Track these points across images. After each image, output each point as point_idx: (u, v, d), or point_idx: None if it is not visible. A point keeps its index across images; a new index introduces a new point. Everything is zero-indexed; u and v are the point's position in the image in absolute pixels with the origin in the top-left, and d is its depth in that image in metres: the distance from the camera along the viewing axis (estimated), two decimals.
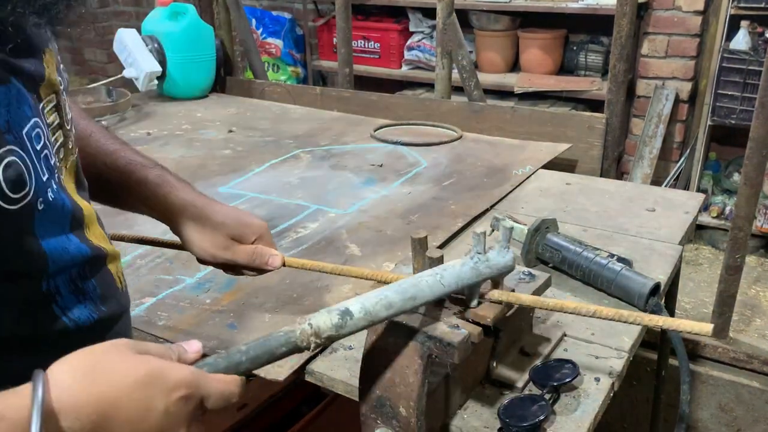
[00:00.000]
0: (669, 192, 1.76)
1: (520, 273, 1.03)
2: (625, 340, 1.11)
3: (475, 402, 0.98)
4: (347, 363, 1.07)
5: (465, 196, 1.69)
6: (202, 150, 2.09)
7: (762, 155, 1.74)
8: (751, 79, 3.11)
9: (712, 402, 1.97)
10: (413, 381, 0.84)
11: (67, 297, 0.74)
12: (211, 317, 1.20)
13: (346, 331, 0.75)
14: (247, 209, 1.65)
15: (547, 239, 1.29)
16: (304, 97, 2.61)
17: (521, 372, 1.00)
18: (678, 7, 3.39)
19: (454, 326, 0.85)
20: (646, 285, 1.15)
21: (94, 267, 0.80)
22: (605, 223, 1.53)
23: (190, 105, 2.60)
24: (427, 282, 0.82)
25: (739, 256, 1.85)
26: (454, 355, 0.82)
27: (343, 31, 2.52)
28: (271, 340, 0.71)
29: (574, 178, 1.82)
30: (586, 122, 2.07)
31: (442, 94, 2.38)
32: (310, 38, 4.71)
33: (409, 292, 0.80)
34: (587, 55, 3.83)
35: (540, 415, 0.89)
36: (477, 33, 4.00)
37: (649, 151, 3.53)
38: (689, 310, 2.85)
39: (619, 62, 2.01)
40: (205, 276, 1.34)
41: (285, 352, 0.72)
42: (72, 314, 0.75)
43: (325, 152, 2.06)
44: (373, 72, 4.31)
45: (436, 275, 0.83)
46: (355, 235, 1.51)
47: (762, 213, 3.28)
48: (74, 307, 0.75)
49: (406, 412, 0.85)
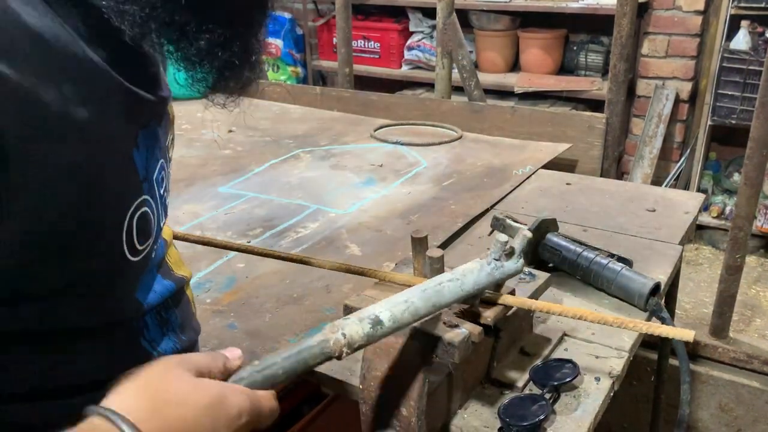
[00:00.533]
0: (669, 192, 1.76)
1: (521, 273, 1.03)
2: (625, 340, 1.11)
3: (475, 401, 0.98)
4: (347, 363, 1.06)
5: (465, 196, 1.69)
6: (202, 150, 2.09)
7: (762, 155, 1.74)
8: (751, 79, 3.11)
9: (712, 402, 1.97)
10: (414, 380, 0.84)
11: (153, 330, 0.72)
12: (211, 317, 1.20)
13: (375, 339, 0.74)
14: (247, 209, 1.65)
15: (547, 239, 1.29)
16: (304, 97, 2.61)
17: (521, 372, 1.00)
18: (678, 7, 3.40)
19: (454, 326, 0.85)
20: (647, 285, 1.15)
21: (176, 297, 0.77)
22: (605, 223, 1.53)
23: (190, 105, 2.59)
24: (449, 288, 0.82)
25: (739, 256, 1.85)
26: (455, 354, 0.82)
27: (343, 31, 2.52)
28: (304, 351, 0.70)
29: (574, 178, 1.82)
30: (586, 122, 2.07)
31: (442, 94, 2.38)
32: (310, 38, 4.71)
33: (433, 299, 0.80)
34: (587, 55, 3.83)
35: (540, 414, 0.89)
36: (477, 33, 4.00)
37: (649, 151, 3.53)
38: (689, 310, 2.85)
39: (619, 62, 2.01)
40: (206, 276, 1.35)
41: (319, 362, 0.71)
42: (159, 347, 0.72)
43: (325, 152, 2.06)
44: (373, 72, 4.31)
45: (457, 281, 0.83)
46: (355, 235, 1.51)
47: (762, 213, 3.28)
48: (161, 340, 0.73)
49: (406, 411, 0.85)
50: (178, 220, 1.60)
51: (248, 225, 1.57)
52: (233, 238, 1.51)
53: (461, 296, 0.83)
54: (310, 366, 0.70)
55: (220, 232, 1.53)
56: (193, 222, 1.59)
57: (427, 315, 0.79)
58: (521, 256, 0.88)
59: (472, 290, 0.84)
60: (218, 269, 1.37)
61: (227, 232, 1.53)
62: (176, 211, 1.66)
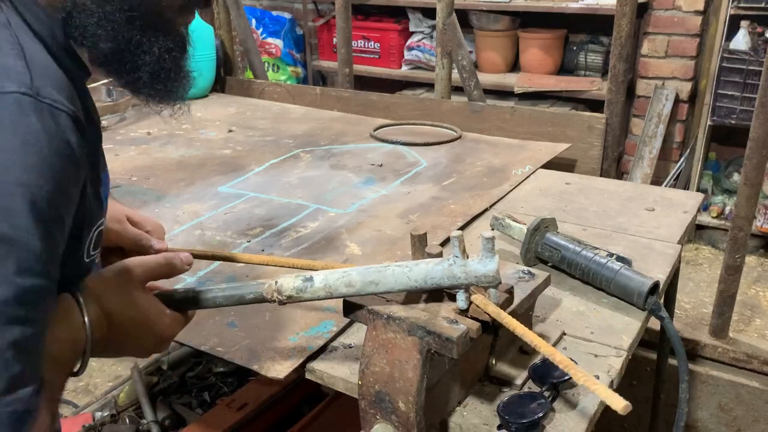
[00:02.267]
0: (668, 191, 1.76)
1: (520, 272, 1.04)
2: (623, 339, 1.11)
3: (474, 399, 0.98)
4: (347, 361, 1.07)
5: (464, 195, 1.69)
6: (202, 150, 2.10)
7: (762, 155, 1.75)
8: (751, 79, 3.11)
9: (711, 402, 1.97)
10: (412, 376, 0.84)
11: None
12: (211, 315, 1.20)
13: (306, 296, 0.87)
14: (247, 209, 1.66)
15: (546, 238, 1.29)
16: (304, 97, 2.61)
17: (520, 369, 1.01)
18: (678, 7, 3.40)
19: (452, 321, 0.85)
20: (645, 284, 1.15)
21: None
22: (604, 222, 1.53)
23: (190, 105, 2.60)
24: (392, 271, 0.85)
25: (739, 256, 1.86)
26: (453, 350, 0.82)
27: (343, 31, 2.52)
28: (243, 287, 0.90)
29: (573, 178, 1.82)
30: (586, 122, 2.08)
31: (442, 94, 2.38)
32: (310, 38, 4.71)
33: (372, 276, 0.85)
34: (587, 55, 3.83)
35: (539, 412, 0.89)
36: (477, 33, 4.00)
37: (649, 151, 3.54)
38: (689, 309, 2.85)
39: (619, 62, 2.01)
40: (206, 275, 1.35)
41: (252, 299, 0.90)
42: None
43: (325, 152, 2.06)
44: (373, 72, 4.31)
45: (405, 267, 0.85)
46: (354, 234, 1.51)
47: (762, 213, 3.28)
48: None
49: (405, 407, 0.85)
50: (178, 219, 1.61)
51: (248, 224, 1.57)
52: (233, 237, 1.51)
53: (410, 285, 0.85)
54: (245, 300, 0.90)
55: (220, 232, 1.54)
56: (193, 221, 1.59)
57: (366, 291, 0.86)
58: (493, 258, 0.84)
59: (422, 281, 0.84)
60: (218, 269, 1.37)
61: (227, 232, 1.53)
62: (176, 210, 1.66)
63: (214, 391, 2.27)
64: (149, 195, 1.75)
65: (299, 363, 1.06)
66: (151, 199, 1.73)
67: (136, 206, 1.68)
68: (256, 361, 1.07)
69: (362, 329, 0.91)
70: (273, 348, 1.10)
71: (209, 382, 2.31)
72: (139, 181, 1.85)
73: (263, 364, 1.06)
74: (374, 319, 0.88)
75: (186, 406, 2.22)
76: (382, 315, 0.87)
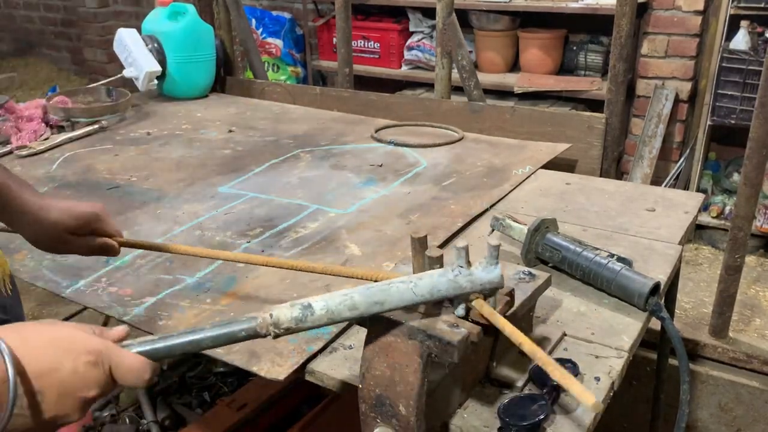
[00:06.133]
0: (669, 192, 1.76)
1: (520, 273, 1.04)
2: (624, 340, 1.11)
3: (475, 401, 0.98)
4: (347, 362, 1.07)
5: (465, 196, 1.69)
6: (202, 150, 2.10)
7: (762, 155, 1.74)
8: (750, 79, 3.11)
9: (711, 402, 1.97)
10: (413, 380, 0.84)
11: None
12: (211, 316, 1.20)
13: (307, 325, 0.79)
14: (247, 209, 1.65)
15: (546, 239, 1.29)
16: (304, 97, 2.61)
17: (521, 371, 1.00)
18: (678, 7, 3.40)
19: (453, 325, 0.85)
20: (646, 284, 1.15)
21: None
22: (605, 222, 1.53)
23: (190, 105, 2.60)
24: (397, 288, 0.82)
25: (738, 256, 1.85)
26: (454, 354, 0.82)
27: (343, 31, 2.52)
28: (233, 324, 0.79)
29: (573, 178, 1.82)
30: (586, 122, 2.07)
31: (442, 94, 2.38)
32: (309, 38, 4.71)
33: (376, 297, 0.81)
34: (587, 55, 3.83)
35: (540, 414, 0.89)
36: (477, 33, 4.00)
37: (649, 151, 3.54)
38: (689, 309, 2.85)
39: (618, 62, 2.01)
40: (206, 276, 1.35)
41: (245, 336, 0.79)
42: None
43: (325, 152, 2.06)
44: (373, 72, 4.31)
45: (410, 283, 0.83)
46: (354, 234, 1.51)
47: (762, 213, 3.28)
48: None
49: (405, 410, 0.85)
50: (177, 220, 1.60)
51: (248, 225, 1.57)
52: (233, 238, 1.51)
53: (415, 300, 0.83)
54: (237, 339, 0.79)
55: (219, 232, 1.53)
56: (193, 222, 1.59)
57: (370, 312, 0.82)
58: (497, 265, 0.84)
59: (428, 294, 0.83)
60: (218, 269, 1.37)
61: (227, 232, 1.53)
62: (176, 211, 1.66)
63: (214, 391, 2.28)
64: (149, 195, 1.75)
65: (299, 364, 1.06)
66: (151, 199, 1.73)
67: (136, 206, 1.68)
68: (256, 362, 1.07)
69: (362, 330, 0.90)
70: (273, 349, 1.09)
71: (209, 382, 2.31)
72: (138, 181, 1.85)
73: (263, 366, 1.06)
74: (374, 323, 0.88)
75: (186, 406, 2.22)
76: (382, 319, 0.87)
